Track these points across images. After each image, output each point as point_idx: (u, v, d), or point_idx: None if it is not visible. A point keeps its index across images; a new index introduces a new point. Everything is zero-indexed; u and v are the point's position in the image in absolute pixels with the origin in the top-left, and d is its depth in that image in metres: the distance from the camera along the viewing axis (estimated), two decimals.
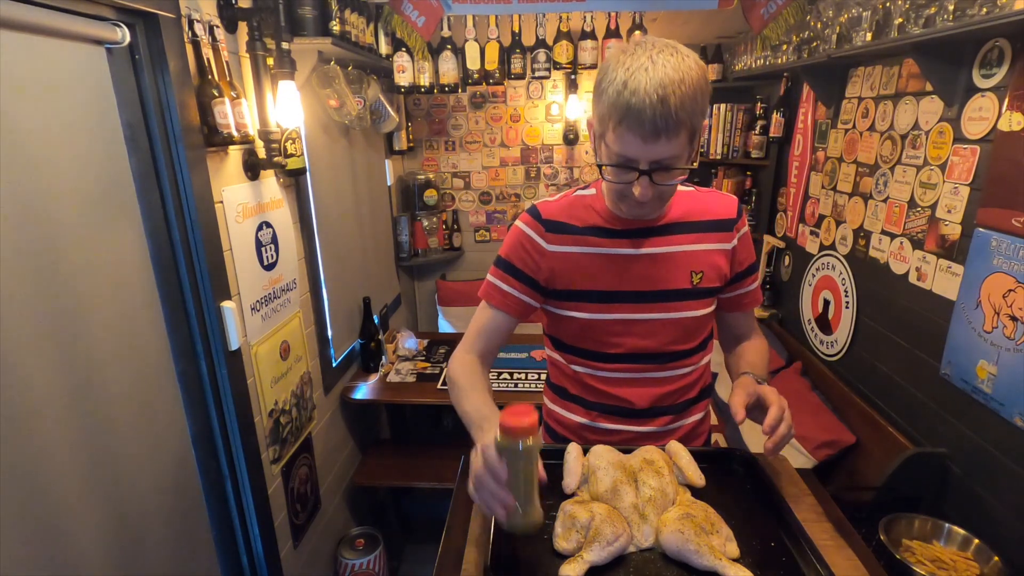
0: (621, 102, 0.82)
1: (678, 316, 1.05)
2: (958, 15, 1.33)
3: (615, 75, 0.83)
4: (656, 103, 0.80)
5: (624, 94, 0.81)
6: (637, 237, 1.03)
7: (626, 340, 1.06)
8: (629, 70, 0.82)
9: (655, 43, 0.84)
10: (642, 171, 0.87)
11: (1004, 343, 1.33)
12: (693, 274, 1.04)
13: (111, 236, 1.13)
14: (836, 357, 2.12)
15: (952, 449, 1.51)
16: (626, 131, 0.84)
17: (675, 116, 0.81)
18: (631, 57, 0.83)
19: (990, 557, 1.30)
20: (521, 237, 1.06)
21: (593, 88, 0.91)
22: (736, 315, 1.16)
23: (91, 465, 1.07)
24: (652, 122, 0.81)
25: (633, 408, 1.09)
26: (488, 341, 1.07)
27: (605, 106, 0.85)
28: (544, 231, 1.04)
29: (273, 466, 1.68)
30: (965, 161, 1.47)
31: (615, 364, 1.08)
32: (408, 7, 2.08)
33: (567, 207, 1.06)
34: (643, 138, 0.83)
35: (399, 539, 2.56)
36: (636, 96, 0.80)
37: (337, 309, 2.20)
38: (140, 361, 1.20)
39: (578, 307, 1.05)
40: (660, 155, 0.86)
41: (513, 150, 3.39)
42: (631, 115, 0.82)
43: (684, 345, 1.08)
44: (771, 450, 0.89)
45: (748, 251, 1.10)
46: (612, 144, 0.88)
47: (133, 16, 1.15)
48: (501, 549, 0.80)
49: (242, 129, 1.41)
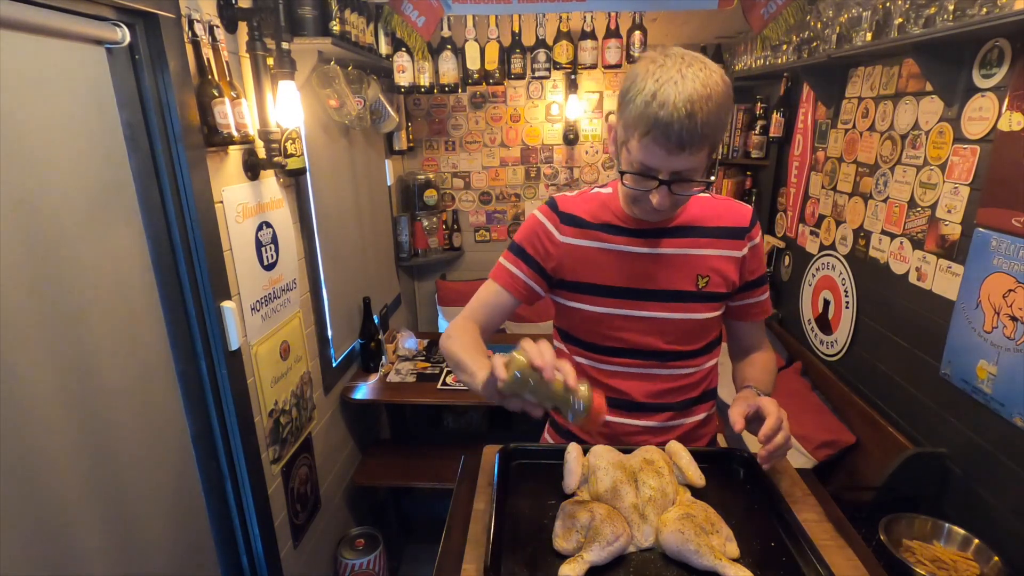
0: (649, 113, 0.83)
1: (680, 317, 1.06)
2: (958, 15, 1.33)
3: (643, 85, 0.84)
4: (683, 117, 0.81)
5: (652, 105, 0.83)
6: (647, 237, 1.05)
7: (628, 335, 1.08)
8: (659, 81, 0.83)
9: (684, 56, 0.85)
10: (662, 181, 0.89)
11: (1004, 343, 1.33)
12: (699, 278, 1.05)
13: (111, 236, 1.13)
14: (836, 357, 2.12)
15: (952, 449, 1.51)
16: (651, 142, 0.85)
17: (700, 131, 0.83)
18: (661, 68, 0.84)
19: (990, 557, 1.30)
20: (536, 225, 1.09)
21: (619, 94, 0.92)
22: (744, 325, 1.17)
23: (91, 465, 1.07)
24: (678, 136, 0.83)
25: (633, 401, 1.11)
26: (488, 316, 1.10)
27: (632, 115, 0.86)
28: (559, 222, 1.07)
29: (273, 466, 1.68)
30: (965, 161, 1.47)
31: (616, 358, 1.10)
32: (408, 7, 2.08)
33: (583, 202, 1.09)
34: (668, 150, 0.85)
35: (399, 539, 2.56)
36: (664, 109, 0.82)
37: (337, 309, 2.20)
38: (140, 361, 1.20)
39: (583, 299, 1.08)
40: (681, 167, 0.88)
41: (513, 150, 3.39)
42: (658, 127, 0.83)
43: (686, 346, 1.09)
44: (764, 458, 0.91)
45: (759, 261, 1.11)
46: (635, 152, 0.89)
47: (133, 16, 1.15)
48: (501, 549, 0.80)
49: (242, 129, 1.41)
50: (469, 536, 0.88)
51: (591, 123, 3.34)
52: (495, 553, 0.78)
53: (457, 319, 1.09)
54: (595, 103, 3.30)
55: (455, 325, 1.07)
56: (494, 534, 0.80)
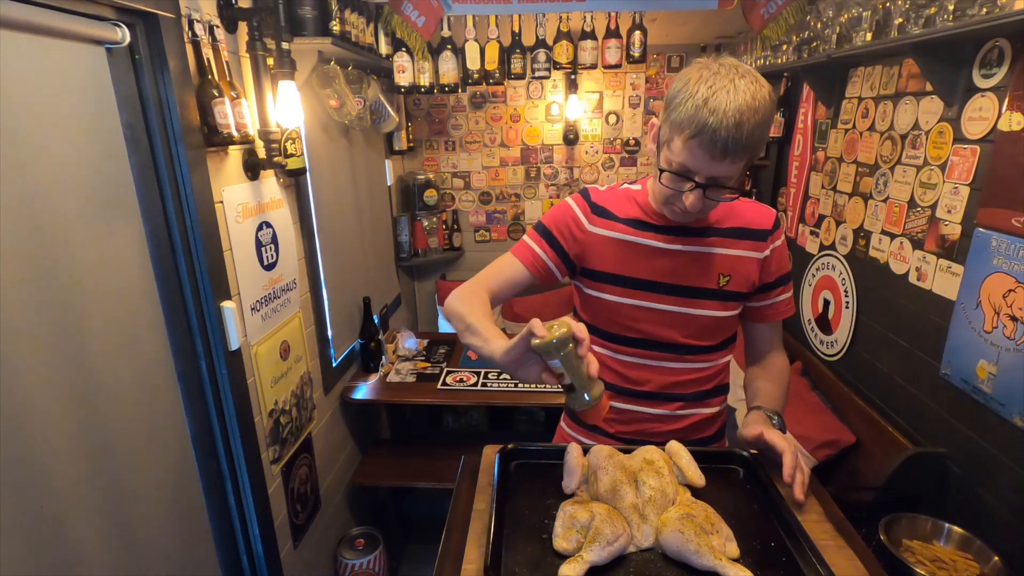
0: (699, 118, 0.86)
1: (699, 313, 1.09)
2: (958, 15, 1.33)
3: (696, 89, 0.87)
4: (732, 127, 0.84)
5: (704, 111, 0.85)
6: (672, 234, 1.08)
7: (646, 327, 1.11)
8: (711, 88, 0.86)
9: (738, 67, 0.88)
10: (698, 184, 0.92)
11: (1004, 343, 1.33)
12: (720, 276, 1.09)
13: (111, 236, 1.13)
14: (836, 357, 2.12)
15: (952, 449, 1.51)
16: (697, 146, 0.88)
17: (744, 142, 0.86)
18: (715, 76, 0.87)
19: (990, 557, 1.30)
20: (567, 211, 1.12)
21: (667, 95, 0.94)
22: (761, 327, 1.19)
23: (91, 465, 1.07)
24: (724, 143, 0.86)
25: (644, 391, 1.14)
26: (501, 287, 1.10)
27: (680, 117, 0.89)
28: (590, 211, 1.11)
29: (273, 466, 1.68)
30: (965, 161, 1.47)
31: (633, 348, 1.13)
32: (408, 7, 2.08)
33: (613, 197, 1.12)
34: (711, 156, 0.88)
35: (399, 539, 2.56)
36: (715, 116, 0.85)
37: (337, 309, 2.20)
38: (140, 361, 1.20)
39: (605, 288, 1.11)
40: (719, 173, 0.91)
41: (513, 150, 3.39)
42: (706, 132, 0.86)
43: (703, 341, 1.12)
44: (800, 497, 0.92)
45: (781, 263, 1.14)
46: (677, 153, 0.92)
47: (133, 16, 1.15)
48: (501, 549, 0.80)
49: (242, 129, 1.41)
50: (469, 536, 0.88)
51: (591, 123, 3.34)
52: (495, 553, 0.78)
53: (467, 283, 1.09)
54: (595, 103, 3.30)
55: (465, 288, 1.07)
56: (494, 534, 0.80)
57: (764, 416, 1.07)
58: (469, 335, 0.96)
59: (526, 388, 2.29)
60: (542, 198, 3.48)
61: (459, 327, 0.99)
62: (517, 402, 2.28)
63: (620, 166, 3.42)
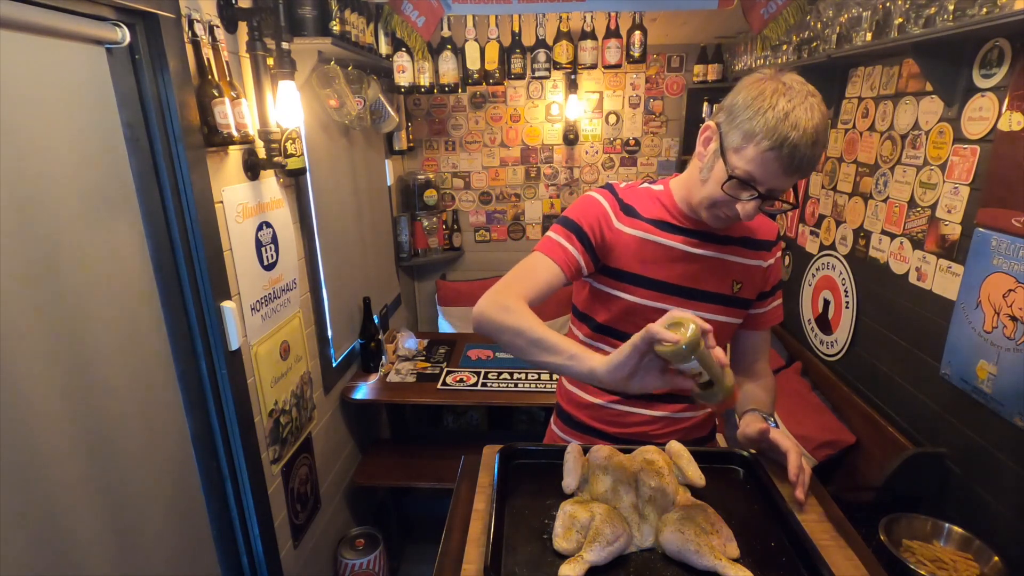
0: (781, 130, 0.86)
1: (712, 318, 1.07)
2: (958, 15, 1.33)
3: (775, 102, 0.87)
4: (809, 145, 0.86)
5: (785, 124, 0.85)
6: (695, 238, 1.08)
7: None
8: (791, 103, 0.86)
9: (806, 85, 0.89)
10: (760, 194, 0.92)
11: (1004, 343, 1.33)
12: (734, 283, 1.10)
13: (111, 236, 1.13)
14: (836, 357, 2.12)
15: (952, 449, 1.51)
16: (774, 159, 0.88)
17: (814, 161, 0.89)
18: (790, 91, 0.87)
19: (990, 557, 1.30)
20: (595, 206, 1.08)
21: (734, 103, 0.92)
22: (753, 334, 1.20)
23: (91, 465, 1.07)
24: (800, 159, 0.87)
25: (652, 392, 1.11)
26: (539, 294, 0.99)
27: (758, 127, 0.87)
28: (619, 208, 1.08)
29: (273, 466, 1.68)
30: (965, 161, 1.47)
31: None
32: (408, 7, 2.08)
33: (638, 195, 1.10)
34: (784, 169, 0.88)
35: (399, 539, 2.56)
36: (797, 131, 0.85)
37: (337, 309, 2.20)
38: (140, 361, 1.20)
39: (625, 288, 1.08)
40: (783, 186, 0.92)
41: (513, 150, 3.39)
42: (786, 146, 0.86)
43: None
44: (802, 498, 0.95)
45: (777, 272, 1.17)
46: (745, 162, 0.90)
47: (133, 16, 1.15)
48: (501, 549, 0.80)
49: (242, 129, 1.41)
50: (469, 536, 0.88)
51: (591, 123, 3.34)
52: (495, 553, 0.78)
53: (500, 289, 0.97)
54: (595, 103, 3.30)
55: (503, 294, 0.95)
56: (494, 534, 0.80)
57: (762, 418, 1.08)
58: (539, 352, 0.87)
59: (526, 388, 2.29)
60: (542, 198, 3.48)
61: (518, 343, 0.89)
62: (517, 402, 2.28)
63: (620, 166, 3.42)
